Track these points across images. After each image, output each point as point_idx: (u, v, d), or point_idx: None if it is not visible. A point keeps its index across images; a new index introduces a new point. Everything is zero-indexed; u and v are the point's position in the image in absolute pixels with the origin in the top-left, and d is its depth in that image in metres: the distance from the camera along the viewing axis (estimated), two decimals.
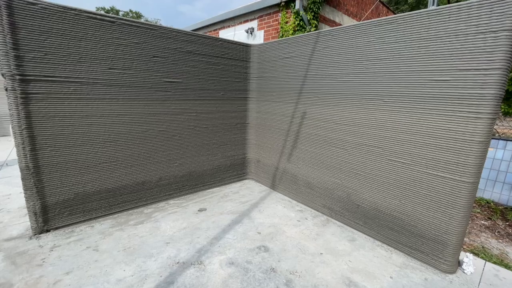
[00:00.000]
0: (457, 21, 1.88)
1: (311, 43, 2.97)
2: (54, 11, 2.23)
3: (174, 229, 2.61)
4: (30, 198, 2.36)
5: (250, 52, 3.80)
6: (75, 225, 2.61)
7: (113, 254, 2.19)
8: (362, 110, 2.56)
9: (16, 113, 2.19)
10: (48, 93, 2.30)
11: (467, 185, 1.95)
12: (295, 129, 3.33)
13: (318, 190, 3.12)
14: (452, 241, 2.07)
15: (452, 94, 1.96)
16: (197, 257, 2.19)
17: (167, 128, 3.12)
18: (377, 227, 2.56)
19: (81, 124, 2.51)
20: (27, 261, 2.05)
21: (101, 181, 2.72)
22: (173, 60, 3.02)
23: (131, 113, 2.80)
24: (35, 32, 2.18)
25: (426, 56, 2.06)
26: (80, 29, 2.38)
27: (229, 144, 3.85)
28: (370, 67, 2.45)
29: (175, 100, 3.12)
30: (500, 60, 1.72)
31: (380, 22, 2.32)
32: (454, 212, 2.03)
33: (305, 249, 2.37)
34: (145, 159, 3.00)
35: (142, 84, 2.82)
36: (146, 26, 2.76)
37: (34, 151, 2.30)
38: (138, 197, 3.03)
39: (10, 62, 2.11)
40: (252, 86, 3.91)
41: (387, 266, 2.18)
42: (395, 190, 2.38)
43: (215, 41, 3.35)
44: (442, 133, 2.03)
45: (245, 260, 2.18)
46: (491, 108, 1.80)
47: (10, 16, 2.05)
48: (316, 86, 2.99)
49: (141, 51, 2.76)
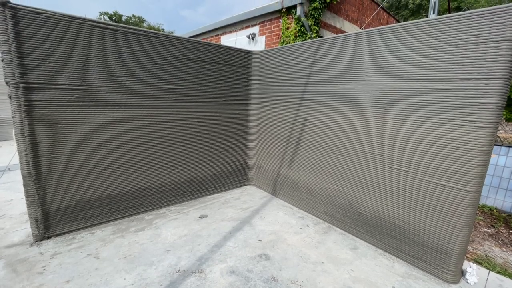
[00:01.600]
0: (457, 30, 1.89)
1: (312, 50, 2.98)
2: (58, 20, 2.27)
3: (175, 236, 2.60)
4: (31, 204, 2.36)
5: (252, 58, 3.82)
6: (76, 231, 2.61)
7: (114, 262, 2.18)
8: (364, 117, 2.56)
9: (19, 120, 2.21)
10: (51, 100, 2.32)
11: (470, 194, 1.94)
12: (296, 135, 3.33)
13: (319, 197, 3.11)
14: (455, 250, 2.05)
15: (453, 103, 1.96)
16: (198, 265, 2.18)
17: (169, 135, 3.13)
18: (379, 235, 2.54)
19: (83, 131, 2.53)
20: (27, 268, 2.05)
21: (102, 187, 2.72)
22: (175, 67, 3.04)
23: (133, 119, 2.82)
24: (39, 41, 2.21)
25: (427, 64, 2.07)
26: (84, 38, 2.40)
27: (230, 150, 3.86)
28: (371, 75, 2.46)
29: (177, 106, 3.14)
30: (501, 70, 1.73)
31: (381, 30, 2.33)
32: (457, 221, 2.01)
33: (307, 257, 2.36)
34: (146, 165, 3.01)
35: (144, 91, 2.85)
36: (149, 34, 2.78)
37: (37, 158, 2.32)
38: (139, 203, 3.03)
39: (14, 70, 2.13)
40: (253, 92, 3.93)
41: (389, 276, 2.16)
42: (397, 198, 2.37)
43: (216, 48, 3.38)
44: (444, 141, 2.03)
45: (246, 269, 2.16)
46: (493, 118, 1.80)
47: (15, 25, 2.09)
48: (317, 93, 3.00)
49: (143, 59, 2.79)
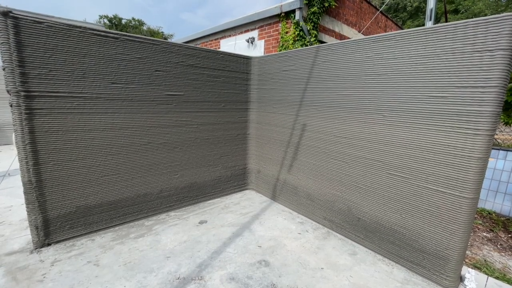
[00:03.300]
0: (453, 39, 1.92)
1: (310, 57, 3.01)
2: (59, 29, 2.29)
3: (175, 243, 2.61)
4: (32, 212, 2.37)
5: (251, 64, 3.85)
6: (76, 238, 2.61)
7: (114, 269, 2.18)
8: (362, 123, 2.58)
9: (20, 128, 2.22)
10: (52, 108, 2.34)
11: (468, 201, 1.95)
12: (295, 141, 3.35)
13: (318, 202, 3.12)
14: (453, 256, 2.06)
15: (450, 110, 1.98)
16: (198, 272, 2.18)
17: (169, 140, 3.15)
18: (378, 241, 2.55)
19: (84, 138, 2.54)
20: (27, 276, 2.05)
21: (102, 194, 2.73)
22: (174, 74, 3.07)
23: (133, 126, 2.84)
24: (40, 50, 2.23)
25: (424, 72, 2.10)
26: (84, 46, 2.43)
27: (230, 155, 3.87)
28: (369, 81, 2.48)
29: (176, 112, 3.16)
30: (496, 78, 1.75)
31: (379, 38, 2.36)
32: (455, 227, 2.03)
33: (306, 263, 2.36)
34: (146, 171, 3.02)
35: (144, 97, 2.87)
36: (149, 41, 2.81)
37: (37, 166, 2.33)
38: (139, 209, 3.04)
39: (15, 79, 2.15)
40: (253, 97, 3.95)
41: (388, 282, 2.17)
42: (395, 204, 2.38)
43: (215, 54, 3.41)
44: (442, 148, 2.05)
45: (245, 276, 2.17)
46: (489, 125, 1.82)
47: (16, 34, 2.11)
48: (316, 99, 3.02)
49: (143, 66, 2.81)
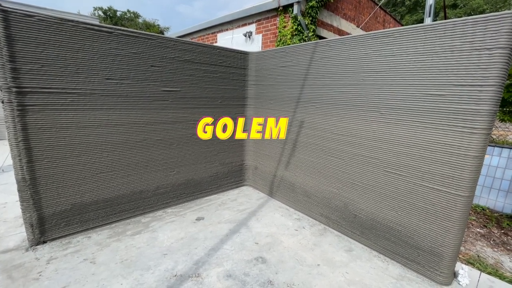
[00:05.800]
0: (452, 37, 1.90)
1: (308, 53, 2.98)
2: (51, 23, 2.22)
3: (172, 240, 2.61)
4: (26, 209, 2.35)
5: (248, 59, 3.80)
6: (72, 235, 2.60)
7: (110, 266, 2.18)
8: (359, 121, 2.57)
9: (12, 125, 2.18)
10: (45, 104, 2.29)
11: (463, 199, 1.97)
12: (293, 137, 3.34)
13: (315, 199, 3.13)
14: (447, 253, 2.09)
15: (447, 109, 1.98)
16: (195, 269, 2.19)
17: (165, 137, 3.12)
18: (374, 238, 2.58)
19: (78, 134, 2.50)
20: (23, 274, 2.04)
21: (98, 191, 2.71)
22: (171, 69, 3.02)
23: (128, 122, 2.80)
24: (31, 44, 2.17)
25: (422, 70, 2.08)
26: (77, 40, 2.37)
27: (227, 151, 3.85)
28: (367, 78, 2.46)
29: (173, 108, 3.12)
30: (494, 77, 1.75)
31: (377, 34, 2.34)
32: (450, 225, 2.05)
33: (303, 260, 2.38)
34: (142, 168, 2.99)
35: (140, 93, 2.82)
36: (144, 36, 2.75)
37: (31, 163, 2.29)
38: (136, 206, 3.03)
39: (6, 75, 2.10)
40: (250, 93, 3.91)
41: (383, 278, 2.20)
42: (391, 201, 2.40)
43: (212, 49, 3.36)
44: (438, 147, 2.05)
45: (242, 272, 2.18)
46: (486, 124, 1.83)
47: (6, 28, 2.04)
48: (313, 95, 3.01)
49: (139, 61, 2.76)
